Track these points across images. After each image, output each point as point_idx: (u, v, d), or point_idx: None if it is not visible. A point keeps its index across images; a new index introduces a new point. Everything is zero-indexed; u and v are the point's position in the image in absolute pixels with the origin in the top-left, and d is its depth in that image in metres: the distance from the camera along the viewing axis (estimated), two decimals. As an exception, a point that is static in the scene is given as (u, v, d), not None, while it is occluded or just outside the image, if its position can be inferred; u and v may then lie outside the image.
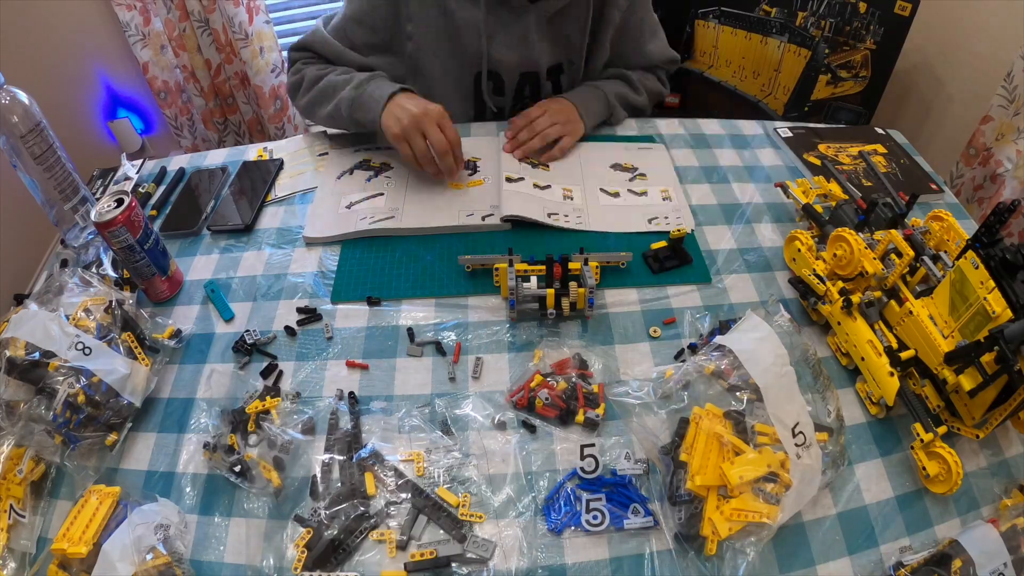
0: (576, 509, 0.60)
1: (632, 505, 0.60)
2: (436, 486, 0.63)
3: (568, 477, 0.63)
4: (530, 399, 0.68)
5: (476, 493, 0.63)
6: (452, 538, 0.59)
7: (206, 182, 1.02)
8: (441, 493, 0.62)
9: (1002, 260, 0.58)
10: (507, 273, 0.75)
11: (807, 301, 0.76)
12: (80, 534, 0.56)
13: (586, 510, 0.60)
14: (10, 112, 0.79)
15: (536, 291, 0.75)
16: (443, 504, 0.61)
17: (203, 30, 2.00)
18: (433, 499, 0.61)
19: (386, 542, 0.59)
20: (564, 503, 0.61)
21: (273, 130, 2.24)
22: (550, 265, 0.75)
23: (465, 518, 0.60)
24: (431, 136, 0.89)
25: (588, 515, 0.60)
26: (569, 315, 0.76)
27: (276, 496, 0.62)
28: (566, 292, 0.74)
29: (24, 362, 0.64)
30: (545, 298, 0.74)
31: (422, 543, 0.59)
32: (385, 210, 0.92)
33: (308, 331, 0.78)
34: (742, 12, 1.65)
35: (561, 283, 0.75)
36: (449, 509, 0.61)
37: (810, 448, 0.60)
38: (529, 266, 0.77)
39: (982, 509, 0.63)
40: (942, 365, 0.62)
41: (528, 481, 0.63)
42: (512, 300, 0.74)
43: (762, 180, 1.00)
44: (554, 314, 0.75)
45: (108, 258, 0.87)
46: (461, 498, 0.62)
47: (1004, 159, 1.40)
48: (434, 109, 0.90)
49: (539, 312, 0.76)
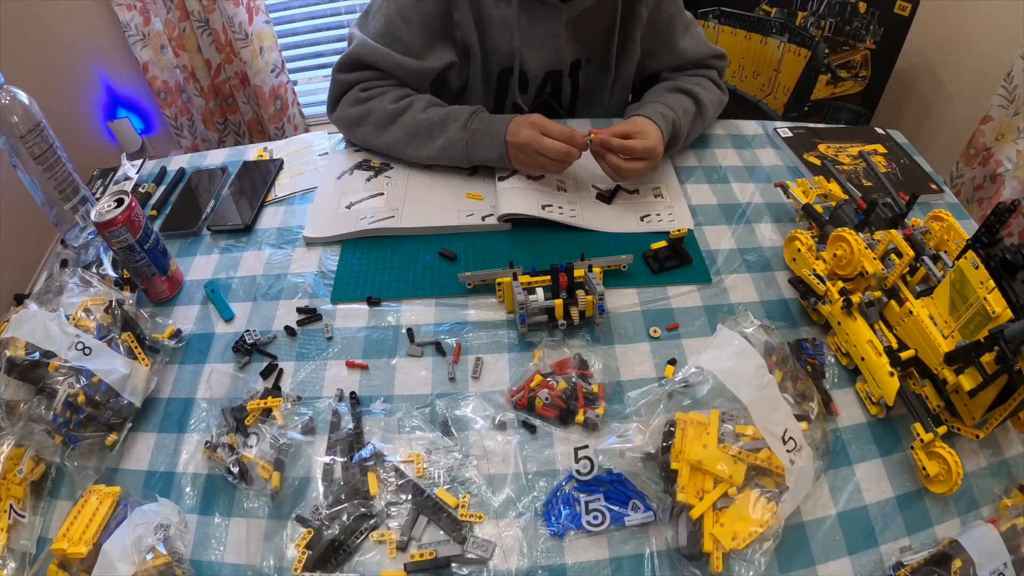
0: (575, 511, 0.60)
1: (631, 501, 0.60)
2: (436, 487, 0.63)
3: (565, 480, 0.63)
4: (530, 399, 0.68)
5: (476, 494, 0.63)
6: (452, 539, 0.59)
7: (206, 182, 1.02)
8: (441, 494, 0.62)
9: (1002, 260, 0.58)
10: (512, 288, 0.74)
11: (807, 301, 0.76)
12: (80, 534, 0.56)
13: (586, 511, 0.60)
14: (10, 112, 0.79)
15: (544, 303, 0.74)
16: (443, 505, 0.61)
17: (203, 30, 2.00)
18: (433, 500, 0.61)
19: (386, 543, 0.59)
20: (563, 506, 0.61)
21: (273, 130, 2.24)
22: (555, 275, 0.75)
23: (465, 519, 0.60)
24: (548, 151, 0.88)
25: (588, 516, 0.60)
26: (579, 324, 0.76)
27: (272, 498, 0.62)
28: (574, 301, 0.74)
29: (24, 362, 0.64)
30: (553, 309, 0.74)
31: (422, 544, 0.59)
32: (385, 210, 0.92)
33: (308, 331, 0.78)
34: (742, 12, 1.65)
35: (568, 292, 0.75)
36: (449, 510, 0.61)
37: (801, 450, 0.60)
38: (532, 277, 0.76)
39: (982, 509, 0.63)
40: (942, 365, 0.62)
41: (528, 481, 0.63)
42: (523, 315, 0.73)
43: (762, 180, 1.00)
44: (565, 324, 0.74)
45: (108, 258, 0.87)
46: (461, 499, 0.62)
47: (1004, 159, 1.40)
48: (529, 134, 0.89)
49: (548, 324, 0.75)
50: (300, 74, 2.40)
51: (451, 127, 0.93)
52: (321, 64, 2.39)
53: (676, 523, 0.58)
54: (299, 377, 0.73)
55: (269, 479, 0.62)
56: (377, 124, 0.97)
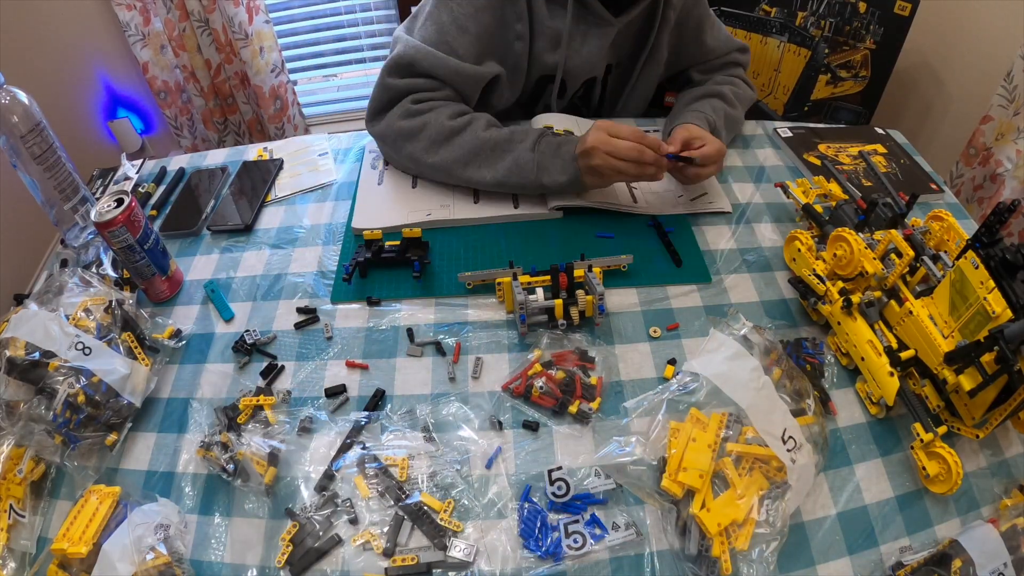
0: (554, 538, 0.59)
1: (612, 521, 0.59)
2: (420, 491, 0.62)
3: (524, 498, 0.61)
4: (527, 387, 0.68)
5: (467, 496, 0.62)
6: (433, 545, 0.59)
7: (206, 182, 1.02)
8: (425, 498, 0.61)
9: (1002, 260, 0.58)
10: (512, 288, 0.74)
11: (807, 301, 0.76)
12: (80, 534, 0.56)
13: (565, 535, 0.59)
14: (10, 112, 0.79)
15: (544, 303, 0.74)
16: (426, 510, 0.61)
17: (203, 30, 2.00)
18: (418, 504, 0.61)
19: (371, 545, 0.59)
20: (541, 528, 0.59)
21: (273, 130, 2.24)
22: (555, 275, 0.75)
23: (446, 525, 0.60)
24: (620, 152, 0.83)
25: (568, 539, 0.58)
26: (579, 324, 0.76)
27: (268, 494, 0.63)
28: (574, 301, 0.74)
29: (24, 362, 0.64)
30: (553, 309, 0.74)
31: (407, 549, 0.59)
32: (435, 205, 0.92)
33: (308, 331, 0.78)
34: (742, 12, 1.65)
35: (568, 292, 0.75)
36: (432, 515, 0.60)
37: (801, 448, 0.60)
38: (532, 278, 0.76)
39: (982, 509, 0.63)
40: (942, 365, 0.62)
41: (521, 483, 0.63)
42: (523, 315, 0.73)
43: (762, 180, 1.00)
44: (565, 324, 0.74)
45: (108, 258, 0.87)
46: (445, 504, 0.61)
47: (1004, 159, 1.40)
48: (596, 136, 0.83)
49: (548, 324, 0.75)
50: (300, 74, 2.40)
51: (518, 148, 0.87)
52: (321, 64, 2.39)
53: (686, 534, 0.58)
54: (299, 377, 0.73)
55: (263, 475, 0.62)
56: (432, 140, 0.89)
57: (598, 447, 0.65)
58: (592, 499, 0.61)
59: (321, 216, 0.95)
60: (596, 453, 0.65)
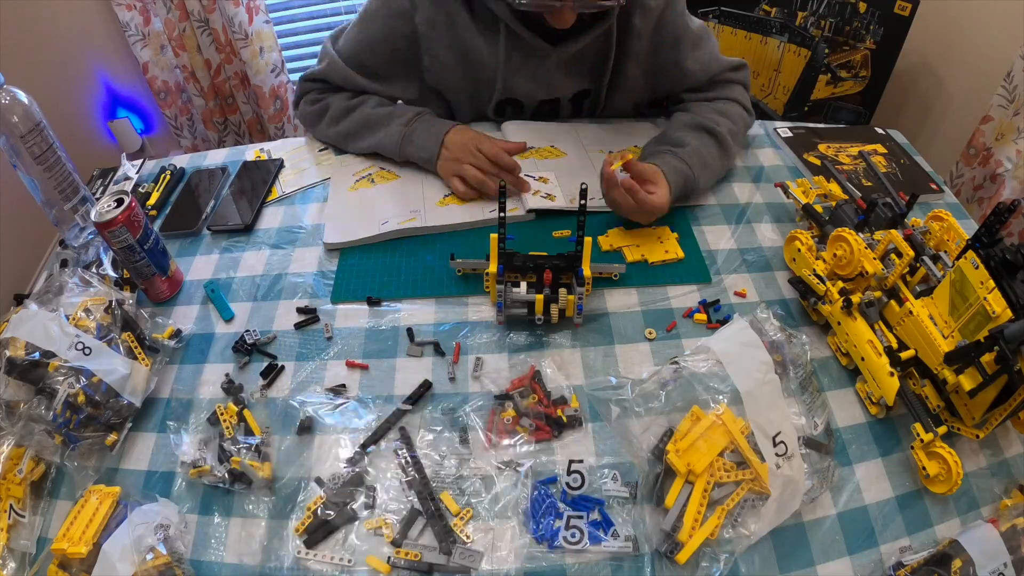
0: (555, 527, 0.59)
1: (612, 528, 0.60)
2: (442, 489, 0.63)
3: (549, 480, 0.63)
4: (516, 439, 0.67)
5: (480, 497, 0.62)
6: (439, 548, 0.59)
7: (206, 182, 1.02)
8: (445, 498, 0.62)
9: (1002, 260, 0.58)
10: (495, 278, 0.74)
11: (807, 301, 0.76)
12: (80, 534, 0.56)
13: (566, 526, 0.59)
14: (10, 112, 0.79)
15: (524, 296, 0.74)
16: (443, 510, 0.61)
17: (203, 30, 2.00)
18: (436, 503, 0.61)
19: (382, 531, 0.60)
20: (547, 513, 0.60)
21: (273, 130, 2.24)
22: (540, 271, 0.75)
23: (457, 531, 0.60)
24: (487, 151, 0.92)
25: (567, 532, 0.59)
26: (558, 322, 0.76)
27: (270, 488, 0.63)
28: (556, 299, 0.74)
29: (24, 362, 0.64)
30: (534, 303, 0.74)
31: (415, 544, 0.59)
32: (405, 212, 0.92)
33: (308, 331, 0.78)
34: (742, 12, 1.65)
35: (551, 289, 0.75)
36: (447, 517, 0.61)
37: (792, 459, 0.60)
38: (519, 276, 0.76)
39: (982, 509, 0.63)
40: (942, 365, 0.62)
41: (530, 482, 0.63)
42: (500, 303, 0.74)
43: (762, 180, 1.00)
44: (543, 320, 0.74)
45: (108, 258, 0.87)
46: (463, 511, 0.61)
47: (1004, 159, 1.40)
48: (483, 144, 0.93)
49: (527, 317, 0.75)
50: (300, 74, 2.39)
51: (394, 123, 0.98)
52: (321, 64, 2.39)
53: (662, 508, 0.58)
54: (299, 377, 0.73)
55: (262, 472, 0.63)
56: (332, 118, 1.02)
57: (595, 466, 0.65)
58: (602, 506, 0.61)
59: (321, 216, 0.94)
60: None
